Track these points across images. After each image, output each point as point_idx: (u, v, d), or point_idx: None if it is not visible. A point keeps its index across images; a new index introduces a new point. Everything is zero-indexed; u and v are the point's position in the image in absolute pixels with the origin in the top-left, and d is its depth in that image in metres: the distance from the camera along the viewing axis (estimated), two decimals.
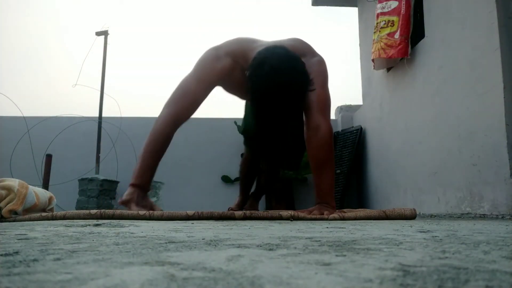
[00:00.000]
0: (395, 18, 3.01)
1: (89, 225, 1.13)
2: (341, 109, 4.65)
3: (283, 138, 2.33)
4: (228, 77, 1.88)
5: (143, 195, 1.76)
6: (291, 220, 1.53)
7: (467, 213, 2.22)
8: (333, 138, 1.86)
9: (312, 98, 1.80)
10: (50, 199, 1.80)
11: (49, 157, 3.50)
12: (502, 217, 1.89)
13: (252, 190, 2.73)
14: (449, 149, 2.42)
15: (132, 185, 1.74)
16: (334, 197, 1.81)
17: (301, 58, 1.78)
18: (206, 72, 1.85)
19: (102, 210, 1.51)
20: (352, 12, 4.50)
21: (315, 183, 1.81)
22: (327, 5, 4.64)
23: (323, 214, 1.62)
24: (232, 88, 2.02)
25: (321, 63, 1.91)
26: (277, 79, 1.62)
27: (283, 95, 1.65)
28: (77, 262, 0.43)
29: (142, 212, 1.51)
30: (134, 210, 1.60)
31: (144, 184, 1.77)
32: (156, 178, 4.12)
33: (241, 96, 2.10)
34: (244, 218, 1.58)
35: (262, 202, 4.19)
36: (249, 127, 2.44)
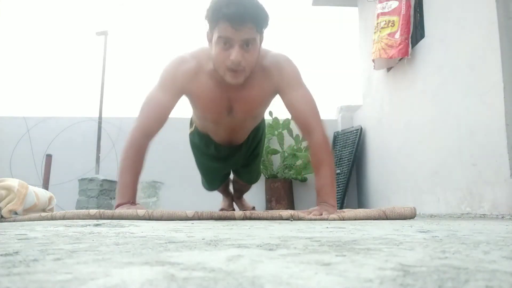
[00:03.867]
0: (395, 18, 3.01)
1: (89, 225, 1.13)
2: (341, 109, 4.65)
3: (245, 168, 2.36)
4: (195, 83, 1.76)
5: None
6: (291, 220, 1.52)
7: (467, 213, 2.22)
8: (328, 139, 1.82)
9: (296, 101, 1.76)
10: (50, 199, 1.80)
11: (49, 157, 3.50)
12: (502, 217, 1.89)
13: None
14: (449, 149, 2.42)
15: (118, 205, 1.68)
16: (335, 197, 1.81)
17: (265, 55, 1.74)
18: (169, 78, 1.77)
19: (102, 210, 1.51)
20: (352, 12, 4.50)
21: (316, 183, 1.81)
22: (327, 5, 4.64)
23: (323, 214, 1.62)
24: (202, 98, 1.82)
25: (289, 59, 1.81)
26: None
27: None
28: (77, 262, 0.43)
29: (142, 212, 1.51)
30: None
31: (128, 201, 1.70)
32: (156, 178, 4.14)
33: (213, 108, 1.85)
34: (244, 218, 1.58)
35: (262, 202, 4.20)
36: (211, 181, 2.43)
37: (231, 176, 2.58)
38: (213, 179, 2.43)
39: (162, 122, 1.78)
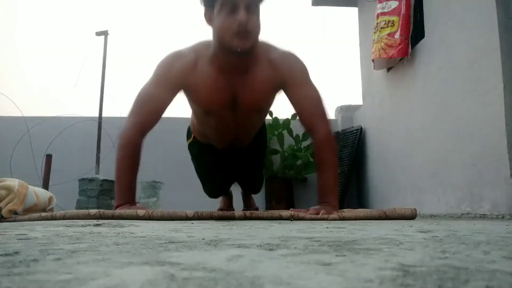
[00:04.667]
0: (395, 18, 3.01)
1: (89, 225, 1.13)
2: (341, 109, 4.65)
3: (248, 175, 2.33)
4: (195, 75, 1.69)
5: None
6: (291, 220, 1.52)
7: (467, 213, 2.22)
8: (333, 139, 1.80)
9: (303, 99, 1.71)
10: (50, 199, 1.80)
11: (49, 157, 3.50)
12: (502, 217, 1.89)
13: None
14: (449, 149, 2.42)
15: (117, 206, 1.65)
16: (337, 198, 1.79)
17: (273, 49, 1.71)
18: (165, 73, 1.70)
19: (102, 210, 1.51)
20: (352, 12, 4.50)
21: (318, 183, 1.79)
22: (327, 5, 4.64)
23: (322, 214, 1.61)
24: (204, 90, 1.74)
25: (297, 56, 1.77)
26: None
27: None
28: (77, 262, 0.43)
29: (142, 212, 1.51)
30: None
31: (128, 201, 1.66)
32: (156, 178, 4.14)
33: (217, 100, 1.77)
34: (244, 218, 1.58)
35: (262, 202, 4.20)
36: (213, 189, 2.39)
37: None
38: (215, 188, 2.38)
39: (157, 118, 1.71)
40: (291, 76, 1.72)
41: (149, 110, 1.69)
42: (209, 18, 1.63)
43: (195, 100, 1.80)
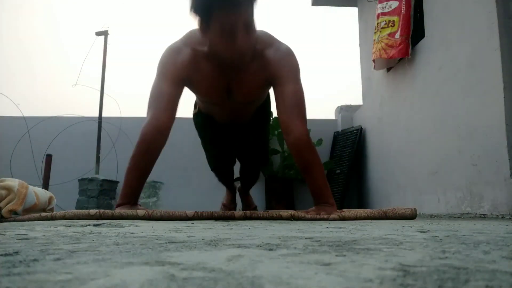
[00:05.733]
0: (395, 18, 3.01)
1: (89, 225, 1.13)
2: (341, 109, 4.65)
3: (249, 148, 2.31)
4: (194, 70, 1.73)
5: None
6: (291, 220, 1.53)
7: (467, 213, 2.22)
8: (309, 138, 1.74)
9: (285, 95, 1.71)
10: (50, 199, 1.80)
11: (49, 157, 3.50)
12: (502, 217, 1.89)
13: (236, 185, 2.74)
14: (449, 149, 2.42)
15: (118, 205, 1.64)
16: (332, 195, 1.78)
17: (267, 51, 1.72)
18: (170, 69, 1.73)
19: (102, 210, 1.51)
20: (352, 12, 4.50)
21: (308, 186, 1.78)
22: (327, 5, 4.64)
23: (322, 214, 1.62)
24: (203, 83, 1.81)
25: (291, 53, 1.78)
26: None
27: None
28: (77, 262, 0.43)
29: (142, 212, 1.51)
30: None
31: (129, 202, 1.66)
32: (156, 178, 4.14)
33: (214, 92, 1.86)
34: (244, 218, 1.58)
35: (262, 202, 4.20)
36: (215, 157, 2.36)
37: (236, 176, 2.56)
38: (216, 158, 2.35)
39: (172, 113, 1.72)
40: (280, 71, 1.73)
41: (161, 106, 1.70)
42: (203, 29, 1.63)
43: (195, 91, 1.92)
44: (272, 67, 1.73)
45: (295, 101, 1.71)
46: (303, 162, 1.73)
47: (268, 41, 1.77)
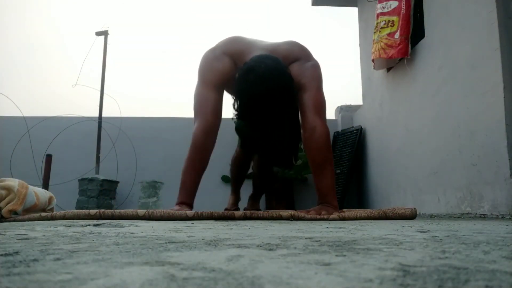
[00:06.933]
0: (395, 18, 3.01)
1: (89, 225, 1.13)
2: (341, 109, 4.65)
3: (278, 136, 2.33)
4: (231, 77, 1.89)
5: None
6: (291, 220, 1.53)
7: (467, 213, 2.22)
8: (330, 138, 1.88)
9: (307, 101, 1.86)
10: (50, 199, 1.80)
11: (49, 157, 3.50)
12: (502, 217, 1.89)
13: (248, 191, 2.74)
14: (449, 149, 2.42)
15: (181, 203, 1.82)
16: (336, 198, 1.82)
17: (292, 66, 1.87)
18: (210, 75, 1.91)
19: (102, 210, 1.51)
20: (352, 12, 4.50)
21: (316, 184, 1.82)
22: (327, 5, 4.64)
23: (323, 214, 1.62)
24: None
25: (316, 68, 1.95)
26: (259, 88, 1.69)
27: (264, 103, 1.73)
28: (77, 262, 0.43)
29: (142, 212, 1.51)
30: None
31: (182, 201, 1.84)
32: (156, 178, 4.14)
33: None
34: (244, 218, 1.58)
35: (262, 202, 4.20)
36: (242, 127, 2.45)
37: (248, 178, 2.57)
38: (246, 138, 2.44)
39: (216, 115, 1.91)
40: (303, 79, 1.88)
41: (206, 111, 1.90)
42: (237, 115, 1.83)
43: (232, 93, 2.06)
44: (296, 77, 1.86)
45: (318, 103, 1.88)
46: (321, 158, 1.82)
47: (297, 56, 1.93)
